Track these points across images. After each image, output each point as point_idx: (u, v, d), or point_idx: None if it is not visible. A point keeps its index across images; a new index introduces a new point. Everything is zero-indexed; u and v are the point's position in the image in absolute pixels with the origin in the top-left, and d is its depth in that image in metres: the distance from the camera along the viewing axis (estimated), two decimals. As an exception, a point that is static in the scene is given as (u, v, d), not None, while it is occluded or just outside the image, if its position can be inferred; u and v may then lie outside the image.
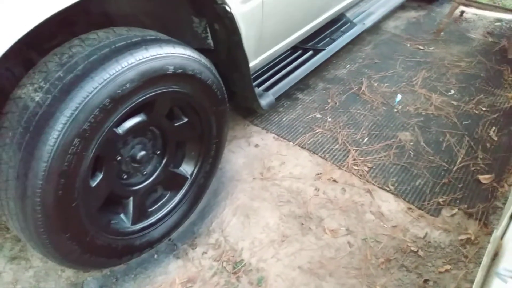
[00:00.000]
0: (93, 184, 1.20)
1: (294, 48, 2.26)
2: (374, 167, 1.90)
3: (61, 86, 1.04)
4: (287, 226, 1.63)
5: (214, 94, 1.45)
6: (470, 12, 3.45)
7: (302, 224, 1.64)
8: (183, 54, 1.27)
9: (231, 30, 1.51)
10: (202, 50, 1.52)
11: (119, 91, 1.10)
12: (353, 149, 1.99)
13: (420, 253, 1.53)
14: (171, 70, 1.22)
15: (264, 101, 1.89)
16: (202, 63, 1.35)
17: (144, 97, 1.19)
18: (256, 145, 2.04)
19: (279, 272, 1.47)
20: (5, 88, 1.20)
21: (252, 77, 1.84)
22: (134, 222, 1.40)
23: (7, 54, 0.95)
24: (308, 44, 2.31)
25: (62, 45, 1.15)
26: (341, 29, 2.49)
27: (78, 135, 1.05)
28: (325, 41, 2.37)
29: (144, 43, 1.18)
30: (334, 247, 1.55)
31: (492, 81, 2.53)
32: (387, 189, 1.79)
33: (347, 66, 2.64)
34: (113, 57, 1.10)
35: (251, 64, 1.73)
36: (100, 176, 1.22)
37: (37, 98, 1.04)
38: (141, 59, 1.14)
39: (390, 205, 1.72)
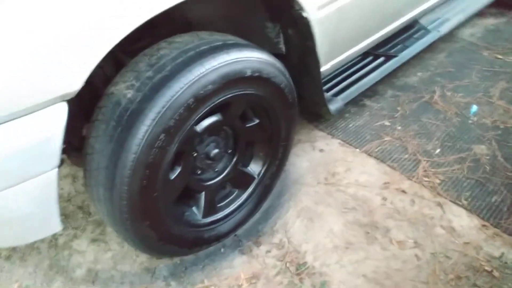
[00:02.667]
0: (172, 177, 1.28)
1: (365, 54, 2.23)
2: (446, 180, 1.82)
3: (151, 85, 1.12)
4: (351, 234, 1.61)
5: (285, 97, 1.48)
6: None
7: (368, 232, 1.61)
8: (260, 58, 1.31)
9: (305, 35, 1.53)
10: (273, 55, 1.56)
11: (202, 92, 1.16)
12: (424, 160, 1.92)
13: (495, 273, 1.44)
14: (248, 73, 1.27)
15: (333, 106, 1.88)
16: (277, 67, 1.39)
17: (222, 98, 1.25)
18: (321, 150, 2.04)
19: (342, 279, 1.46)
20: (98, 86, 1.32)
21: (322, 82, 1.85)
22: (205, 216, 1.47)
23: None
24: (380, 50, 2.27)
25: (151, 47, 1.24)
26: (415, 36, 2.41)
27: (164, 131, 1.13)
28: (397, 47, 2.31)
29: (226, 47, 1.24)
30: (400, 259, 1.51)
31: None
32: (460, 203, 1.71)
33: (418, 74, 2.56)
34: (197, 60, 1.16)
35: (322, 69, 1.73)
36: (178, 170, 1.29)
37: (129, 95, 1.13)
38: (223, 62, 1.19)
39: (463, 220, 1.64)
